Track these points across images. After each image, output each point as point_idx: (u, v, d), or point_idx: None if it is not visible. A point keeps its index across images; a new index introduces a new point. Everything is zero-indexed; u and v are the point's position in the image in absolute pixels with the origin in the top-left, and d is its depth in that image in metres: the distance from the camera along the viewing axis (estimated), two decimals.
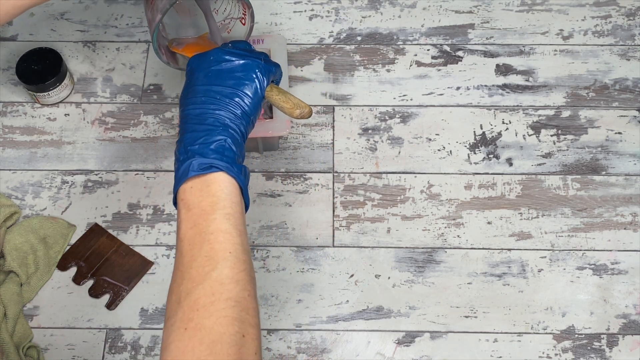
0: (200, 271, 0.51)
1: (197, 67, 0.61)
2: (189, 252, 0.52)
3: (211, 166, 0.55)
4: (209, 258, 0.51)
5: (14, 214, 0.80)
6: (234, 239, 0.53)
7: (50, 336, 0.76)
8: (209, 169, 0.55)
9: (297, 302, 0.78)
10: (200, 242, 0.52)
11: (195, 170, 0.54)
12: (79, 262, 0.79)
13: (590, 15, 0.94)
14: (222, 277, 0.50)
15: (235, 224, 0.54)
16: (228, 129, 0.57)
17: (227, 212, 0.54)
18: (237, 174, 0.56)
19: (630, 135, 0.86)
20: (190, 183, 0.55)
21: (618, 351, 0.75)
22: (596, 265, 0.79)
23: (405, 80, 0.89)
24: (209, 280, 0.50)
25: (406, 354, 0.75)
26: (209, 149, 0.56)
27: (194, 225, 0.53)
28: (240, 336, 0.49)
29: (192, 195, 0.54)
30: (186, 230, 0.53)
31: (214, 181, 0.55)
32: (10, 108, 0.88)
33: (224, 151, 0.56)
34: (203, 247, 0.52)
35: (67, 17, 0.94)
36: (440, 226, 0.81)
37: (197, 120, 0.57)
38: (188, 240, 0.53)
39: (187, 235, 0.53)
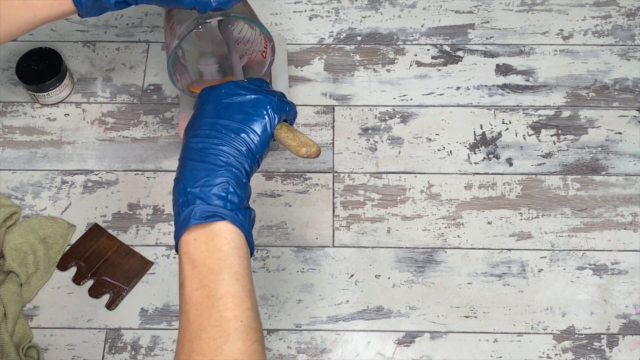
0: (211, 344, 0.48)
1: (206, 99, 0.58)
2: (197, 319, 0.49)
3: (215, 215, 0.51)
4: (219, 328, 0.48)
5: (14, 214, 0.80)
6: (245, 303, 0.50)
7: (50, 336, 0.76)
8: (212, 218, 0.51)
9: (297, 302, 0.78)
10: (209, 308, 0.49)
11: (197, 219, 0.51)
12: (79, 262, 0.79)
13: (590, 15, 0.94)
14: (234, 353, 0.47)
15: (244, 285, 0.50)
16: (232, 169, 0.53)
17: (235, 270, 0.51)
18: (242, 223, 0.52)
19: (630, 135, 0.86)
20: (193, 234, 0.51)
21: (618, 351, 0.75)
22: (596, 265, 0.79)
23: (405, 80, 0.89)
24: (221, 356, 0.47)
25: (406, 354, 0.75)
26: (212, 193, 0.52)
27: (200, 286, 0.50)
28: None
29: (197, 249, 0.51)
30: (192, 291, 0.50)
31: (219, 233, 0.51)
32: (10, 108, 0.88)
33: (228, 195, 0.52)
34: (212, 314, 0.49)
35: (67, 17, 0.93)
36: (440, 226, 0.81)
37: (198, 157, 0.54)
38: (195, 303, 0.49)
39: (194, 298, 0.50)
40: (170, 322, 0.76)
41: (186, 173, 0.53)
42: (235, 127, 0.55)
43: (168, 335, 0.76)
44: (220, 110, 0.56)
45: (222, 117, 0.56)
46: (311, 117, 0.87)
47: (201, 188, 0.52)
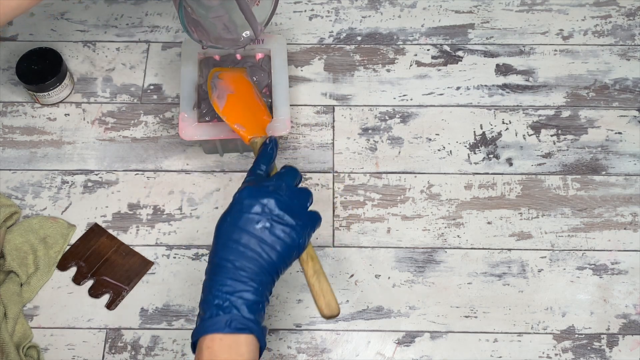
0: None
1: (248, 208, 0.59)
2: None
3: (246, 328, 0.55)
4: None
5: (14, 214, 0.80)
6: None
7: (50, 336, 0.76)
8: (243, 331, 0.55)
9: (297, 302, 0.78)
10: None
11: (232, 329, 0.55)
12: (79, 262, 0.79)
13: (590, 15, 0.94)
14: None
15: None
16: (266, 290, 0.58)
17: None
18: (262, 338, 0.57)
19: (630, 135, 0.86)
20: (220, 335, 0.55)
21: (618, 351, 0.75)
22: (596, 265, 0.79)
23: (405, 80, 0.89)
24: None
25: (406, 354, 0.75)
26: (246, 306, 0.56)
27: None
28: None
29: (221, 349, 0.55)
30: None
31: (244, 342, 0.55)
32: (10, 108, 0.88)
33: (259, 313, 0.57)
34: None
35: (67, 17, 0.94)
36: (440, 226, 0.81)
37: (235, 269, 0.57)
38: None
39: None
40: (170, 322, 0.76)
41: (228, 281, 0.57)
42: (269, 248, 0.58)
43: (168, 335, 0.76)
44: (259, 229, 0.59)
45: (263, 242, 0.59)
46: (311, 117, 0.87)
47: (237, 299, 0.56)
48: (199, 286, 0.78)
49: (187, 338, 0.76)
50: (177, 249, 0.80)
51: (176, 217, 0.82)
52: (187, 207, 0.82)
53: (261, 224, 0.59)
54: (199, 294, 0.78)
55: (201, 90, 0.80)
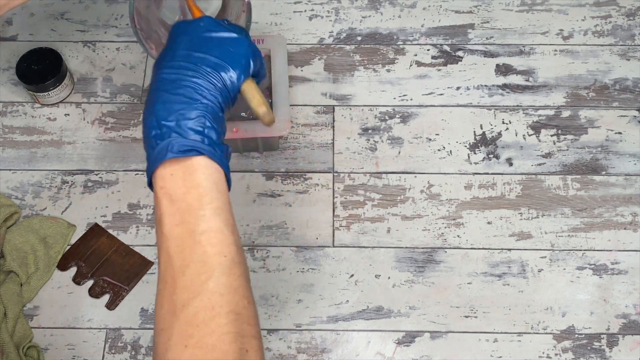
0: (196, 280, 0.46)
1: (182, 32, 0.54)
2: (179, 255, 0.47)
3: (193, 149, 0.49)
4: (203, 264, 0.47)
5: (14, 214, 0.80)
6: (227, 238, 0.48)
7: (50, 336, 0.76)
8: (190, 152, 0.49)
9: (297, 302, 0.78)
10: (191, 244, 0.47)
11: (175, 153, 0.49)
12: (79, 262, 0.79)
13: (590, 15, 0.94)
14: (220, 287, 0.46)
15: (226, 220, 0.49)
16: (208, 103, 0.51)
17: (215, 205, 0.49)
18: (220, 158, 0.51)
19: (630, 135, 0.86)
20: (169, 169, 0.49)
21: (618, 351, 0.75)
22: (596, 265, 0.79)
23: (405, 80, 0.89)
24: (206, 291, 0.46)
25: (406, 354, 0.75)
26: (188, 127, 0.49)
27: (180, 222, 0.48)
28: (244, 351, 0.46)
29: (174, 184, 0.49)
30: (172, 227, 0.48)
31: (197, 168, 0.49)
32: (10, 108, 0.88)
33: (205, 130, 0.50)
34: (195, 250, 0.47)
35: (67, 17, 0.94)
36: (440, 226, 0.81)
37: (171, 88, 0.51)
38: (176, 239, 0.48)
39: (175, 234, 0.48)
40: None
41: (159, 105, 0.50)
42: (213, 61, 0.52)
43: None
44: (197, 43, 0.53)
45: (199, 51, 0.53)
46: (311, 117, 0.87)
47: (177, 122, 0.50)
48: None
49: None
50: None
51: None
52: None
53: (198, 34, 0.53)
54: None
55: None
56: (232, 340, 0.45)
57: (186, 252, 0.47)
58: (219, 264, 0.47)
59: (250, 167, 0.84)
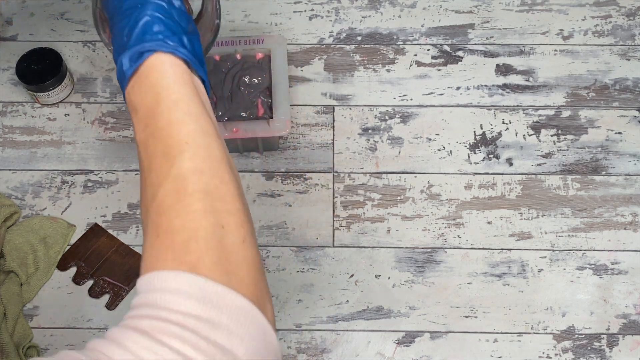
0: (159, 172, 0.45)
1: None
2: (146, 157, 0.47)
3: (141, 53, 0.47)
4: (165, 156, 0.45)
5: (14, 214, 0.80)
6: (188, 126, 0.46)
7: (50, 336, 0.76)
8: (140, 58, 0.47)
9: (297, 302, 0.78)
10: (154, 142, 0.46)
11: (128, 66, 0.47)
12: (79, 262, 0.79)
13: (590, 15, 0.93)
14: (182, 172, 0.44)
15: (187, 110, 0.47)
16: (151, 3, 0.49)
17: (173, 98, 0.47)
18: (174, 48, 0.48)
19: (630, 135, 0.86)
20: (131, 82, 0.48)
21: (618, 351, 0.75)
22: (596, 265, 0.79)
23: (405, 80, 0.89)
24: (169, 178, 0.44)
25: (406, 354, 0.75)
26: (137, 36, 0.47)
27: (145, 127, 0.47)
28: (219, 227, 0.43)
29: (135, 95, 0.48)
30: (139, 135, 0.47)
31: (152, 69, 0.47)
32: (10, 108, 0.88)
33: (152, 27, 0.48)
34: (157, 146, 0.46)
35: (67, 17, 0.94)
36: (440, 226, 0.81)
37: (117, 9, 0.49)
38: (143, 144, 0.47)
39: (141, 140, 0.47)
40: None
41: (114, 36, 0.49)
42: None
43: None
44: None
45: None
46: (311, 117, 0.87)
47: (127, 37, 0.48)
48: None
49: None
50: None
51: None
52: None
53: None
54: None
55: None
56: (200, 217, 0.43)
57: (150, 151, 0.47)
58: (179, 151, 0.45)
59: (250, 167, 0.84)
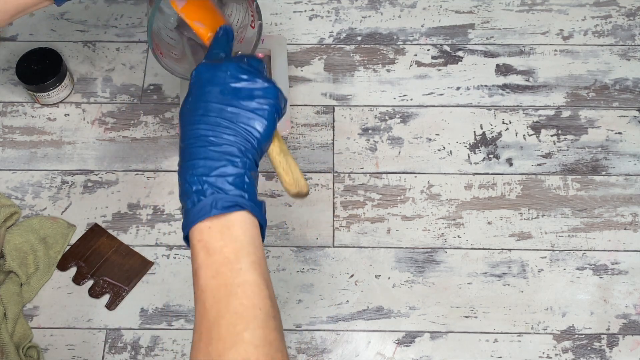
0: (231, 331, 0.46)
1: (209, 80, 0.53)
2: (214, 307, 0.47)
3: (236, 205, 0.49)
4: (238, 316, 0.47)
5: (14, 214, 0.80)
6: (263, 292, 0.48)
7: (50, 336, 0.76)
8: (233, 208, 0.49)
9: (297, 302, 0.78)
10: (227, 295, 0.47)
11: (219, 209, 0.49)
12: (79, 262, 0.79)
13: (590, 15, 0.93)
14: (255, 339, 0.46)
15: (262, 274, 0.49)
16: (246, 160, 0.51)
17: (252, 259, 0.49)
18: (260, 214, 0.51)
19: (630, 135, 0.86)
20: (207, 222, 0.49)
21: (618, 351, 0.75)
22: (596, 266, 0.79)
23: (405, 80, 0.89)
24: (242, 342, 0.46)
25: (406, 354, 0.75)
26: (228, 182, 0.50)
27: (216, 274, 0.48)
28: None
29: (212, 237, 0.49)
30: (207, 279, 0.48)
31: (236, 223, 0.50)
32: (10, 108, 0.88)
33: (244, 186, 0.50)
34: (230, 302, 0.47)
35: (67, 17, 0.94)
36: (440, 226, 0.81)
37: (209, 144, 0.51)
38: (211, 291, 0.48)
39: (210, 286, 0.48)
40: (170, 322, 0.76)
41: (200, 161, 0.51)
42: (247, 117, 0.52)
43: (168, 335, 0.76)
44: (229, 96, 0.53)
45: (231, 105, 0.52)
46: (311, 117, 0.87)
47: (217, 178, 0.50)
48: None
49: (187, 338, 0.76)
50: (177, 249, 0.80)
51: (176, 217, 0.82)
52: None
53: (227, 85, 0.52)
54: None
55: None
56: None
57: (222, 303, 0.47)
58: (254, 316, 0.47)
59: None
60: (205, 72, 0.54)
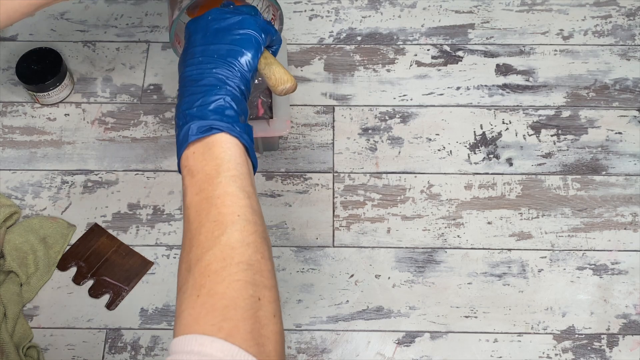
0: (209, 236, 0.49)
1: (195, 29, 0.59)
2: (196, 219, 0.51)
3: (211, 128, 0.53)
4: (217, 222, 0.50)
5: (14, 214, 0.80)
6: (241, 201, 0.51)
7: (50, 336, 0.76)
8: (209, 132, 0.53)
9: (297, 302, 0.78)
10: (207, 207, 0.51)
11: (195, 134, 0.53)
12: (79, 262, 0.79)
13: (590, 15, 0.94)
14: (232, 241, 0.49)
15: (242, 186, 0.52)
16: (226, 87, 0.55)
17: (232, 174, 0.52)
18: (239, 134, 0.54)
19: (630, 135, 0.86)
20: (192, 148, 0.53)
21: (618, 351, 0.75)
22: (596, 265, 0.79)
23: (405, 80, 0.89)
24: (219, 245, 0.49)
25: (406, 354, 0.75)
26: (208, 110, 0.53)
27: (199, 191, 0.52)
28: (256, 299, 0.47)
29: (195, 160, 0.53)
30: (192, 196, 0.52)
31: (216, 143, 0.53)
32: (10, 108, 0.88)
33: (224, 110, 0.54)
34: (210, 212, 0.50)
35: (67, 17, 0.94)
36: (440, 226, 0.81)
37: (194, 81, 0.55)
38: (194, 206, 0.51)
39: (193, 202, 0.52)
40: (170, 322, 0.76)
41: (185, 99, 0.55)
42: (226, 49, 0.56)
43: (168, 335, 0.76)
44: (210, 36, 0.57)
45: (212, 43, 0.57)
46: (311, 117, 0.87)
47: (198, 108, 0.54)
48: None
49: None
50: (177, 249, 0.80)
51: (176, 217, 0.82)
52: None
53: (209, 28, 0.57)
54: None
55: None
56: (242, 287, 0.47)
57: (202, 214, 0.51)
58: (231, 222, 0.50)
59: None
60: (191, 24, 0.59)
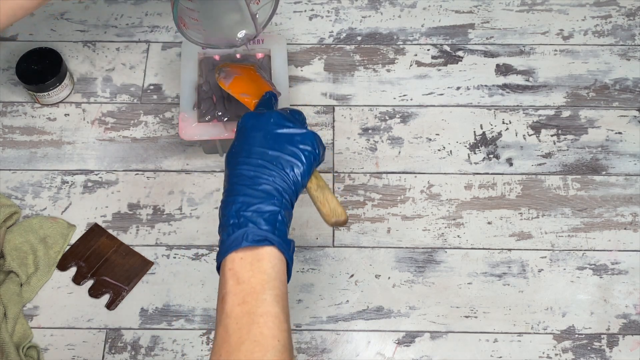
0: (249, 357, 0.50)
1: (253, 126, 0.59)
2: (237, 332, 0.51)
3: (265, 239, 0.54)
4: (257, 343, 0.50)
5: (14, 214, 0.80)
6: (282, 324, 0.52)
7: (50, 336, 0.76)
8: (263, 242, 0.54)
9: (297, 302, 0.78)
10: (249, 323, 0.51)
11: (249, 242, 0.53)
12: (79, 262, 0.79)
13: (590, 15, 0.94)
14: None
15: (283, 307, 0.53)
16: (282, 199, 0.56)
17: (276, 293, 0.53)
18: (287, 251, 0.55)
19: (630, 135, 0.86)
20: (240, 253, 0.54)
21: (618, 351, 0.75)
22: (596, 265, 0.79)
23: (405, 80, 0.89)
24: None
25: (406, 354, 0.75)
26: (263, 218, 0.54)
27: (242, 302, 0.52)
28: None
29: (242, 268, 0.53)
30: (234, 305, 0.52)
31: (265, 256, 0.54)
32: (10, 108, 0.88)
33: (277, 224, 0.55)
34: (252, 329, 0.51)
35: (67, 17, 0.94)
36: (440, 226, 0.81)
37: (250, 183, 0.56)
38: (236, 318, 0.52)
39: (235, 312, 0.52)
40: (170, 322, 0.76)
41: (240, 197, 0.55)
42: (286, 159, 0.57)
43: (168, 335, 0.76)
44: (271, 140, 0.58)
45: (273, 148, 0.58)
46: (311, 117, 0.87)
47: (253, 213, 0.54)
48: (198, 286, 0.78)
49: (187, 338, 0.76)
50: (177, 249, 0.80)
51: (176, 217, 0.82)
52: (187, 207, 0.82)
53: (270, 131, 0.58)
54: (199, 294, 0.78)
55: (201, 90, 0.80)
56: None
57: (244, 330, 0.51)
58: (272, 346, 0.51)
59: None
60: (250, 119, 0.60)
